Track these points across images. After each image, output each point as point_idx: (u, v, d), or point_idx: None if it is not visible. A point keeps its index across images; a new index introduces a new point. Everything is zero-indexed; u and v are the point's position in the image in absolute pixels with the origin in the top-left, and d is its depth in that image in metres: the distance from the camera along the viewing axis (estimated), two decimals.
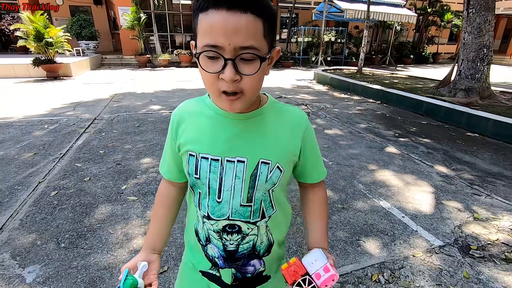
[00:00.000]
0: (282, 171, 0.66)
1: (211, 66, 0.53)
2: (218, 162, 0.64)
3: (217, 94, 0.56)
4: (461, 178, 2.94)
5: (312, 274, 0.61)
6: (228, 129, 0.64)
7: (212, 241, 0.70)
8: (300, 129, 0.69)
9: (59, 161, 3.08)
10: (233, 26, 0.49)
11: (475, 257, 1.85)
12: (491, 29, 5.57)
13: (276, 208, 0.70)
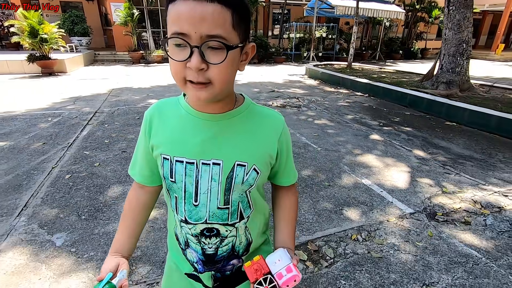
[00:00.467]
0: (259, 173, 0.66)
1: (178, 54, 0.53)
2: (194, 165, 0.63)
3: (183, 83, 0.56)
4: (436, 160, 3.28)
5: (274, 273, 0.61)
6: (202, 131, 0.63)
7: (190, 245, 0.70)
8: (277, 131, 0.68)
9: (67, 150, 3.31)
10: (200, 14, 0.49)
11: (439, 221, 2.17)
12: (470, 25, 5.93)
13: (253, 208, 0.70)
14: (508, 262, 1.78)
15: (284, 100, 6.06)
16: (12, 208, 2.22)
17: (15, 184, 2.56)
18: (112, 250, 0.71)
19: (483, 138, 4.08)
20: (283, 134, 0.69)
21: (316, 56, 14.39)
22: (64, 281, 1.58)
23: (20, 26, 8.51)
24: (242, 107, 0.66)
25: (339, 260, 1.77)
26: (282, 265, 0.61)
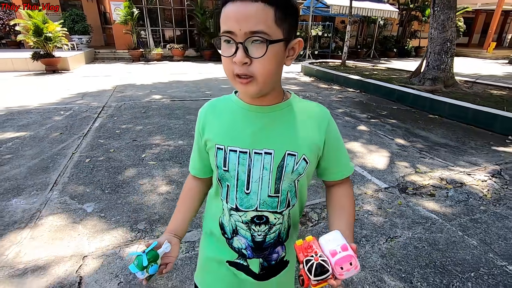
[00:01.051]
0: (308, 163, 0.68)
1: (226, 50, 0.59)
2: (246, 154, 0.66)
3: (231, 77, 0.61)
4: (414, 147, 3.68)
5: (327, 251, 0.54)
6: (254, 122, 0.67)
7: (239, 233, 0.72)
8: (323, 122, 0.71)
9: (83, 139, 3.66)
10: (244, 13, 0.54)
11: (409, 193, 2.57)
12: (453, 25, 6.33)
13: (298, 197, 0.73)
14: (459, 222, 2.17)
15: None
16: (44, 184, 2.58)
17: (42, 166, 2.91)
18: (167, 230, 0.76)
19: (460, 128, 4.48)
20: (330, 125, 0.71)
21: (312, 54, 14.77)
22: (99, 236, 1.95)
23: (25, 25, 8.80)
24: (289, 101, 0.70)
25: (322, 222, 2.15)
26: (337, 244, 0.54)
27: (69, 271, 1.66)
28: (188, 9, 14.99)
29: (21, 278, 1.61)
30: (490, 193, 2.60)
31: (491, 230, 2.10)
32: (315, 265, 0.51)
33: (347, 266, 0.51)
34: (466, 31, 22.41)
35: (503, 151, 3.60)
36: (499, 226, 2.14)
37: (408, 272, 1.72)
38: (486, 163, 3.21)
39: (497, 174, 2.96)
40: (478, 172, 3.00)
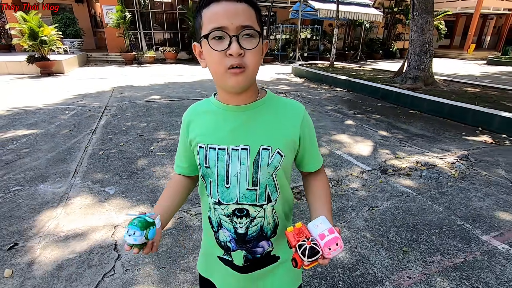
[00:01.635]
0: (282, 156, 0.72)
1: (218, 45, 0.61)
2: (224, 151, 0.71)
3: (223, 71, 0.63)
4: (395, 138, 4.11)
5: (316, 235, 0.60)
6: (231, 121, 0.72)
7: (223, 225, 0.76)
8: (297, 118, 0.74)
9: (93, 134, 3.94)
10: (234, 10, 0.60)
11: (389, 174, 2.97)
12: (431, 28, 6.86)
13: (279, 192, 0.76)
14: (429, 194, 2.58)
15: None
16: (65, 173, 2.86)
17: (60, 158, 3.19)
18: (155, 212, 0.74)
19: (437, 122, 4.95)
20: (304, 120, 0.75)
21: (301, 56, 15.26)
22: (124, 211, 2.26)
23: (20, 28, 8.92)
24: (265, 98, 0.74)
25: None
26: (324, 228, 0.61)
27: (104, 236, 1.97)
28: (179, 13, 15.27)
29: (64, 242, 1.91)
30: (457, 172, 3.03)
31: (455, 199, 2.51)
32: (308, 249, 0.58)
33: (334, 246, 0.59)
34: (448, 33, 23.44)
35: (472, 139, 4.07)
36: (461, 197, 2.55)
37: (385, 230, 2.10)
38: (457, 150, 3.66)
39: (464, 157, 3.40)
40: (449, 156, 3.44)
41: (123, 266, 1.72)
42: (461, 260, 1.82)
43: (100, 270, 1.69)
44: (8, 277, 1.62)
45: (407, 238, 2.02)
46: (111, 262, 1.75)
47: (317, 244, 0.59)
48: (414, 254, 1.87)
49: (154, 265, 1.74)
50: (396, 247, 1.93)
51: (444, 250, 1.91)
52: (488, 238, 2.03)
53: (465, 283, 1.65)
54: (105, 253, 1.83)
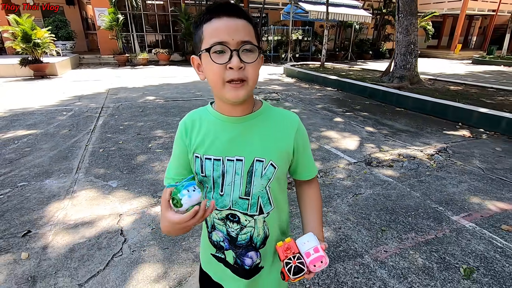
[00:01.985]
0: (276, 168, 0.74)
1: (219, 59, 0.64)
2: (220, 161, 0.73)
3: (221, 84, 0.66)
4: (381, 133, 4.35)
5: (303, 252, 0.67)
6: (228, 132, 0.74)
7: (217, 228, 0.80)
8: (292, 129, 0.77)
9: (92, 133, 4.08)
10: (234, 26, 0.64)
11: (373, 166, 3.20)
12: (416, 30, 7.18)
13: (273, 206, 0.77)
14: (409, 182, 2.82)
15: (265, 95, 7.02)
16: (69, 169, 3.01)
17: (62, 156, 3.33)
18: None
19: (420, 118, 5.23)
20: (299, 131, 0.78)
21: (293, 57, 15.53)
22: (128, 202, 2.44)
23: (13, 31, 8.96)
24: (261, 110, 0.76)
25: None
26: (310, 246, 0.67)
27: (111, 223, 2.14)
28: (172, 15, 15.40)
29: (74, 229, 2.07)
30: (436, 163, 3.28)
31: (431, 186, 2.75)
32: (293, 267, 0.65)
33: (318, 263, 0.65)
34: (436, 34, 24.04)
35: (452, 134, 4.34)
36: (437, 184, 2.80)
37: (367, 213, 2.32)
38: (437, 143, 3.92)
39: (443, 150, 3.67)
40: (429, 149, 3.70)
41: (130, 248, 1.90)
42: (432, 237, 2.05)
43: (109, 251, 1.87)
44: (25, 259, 1.78)
45: (386, 219, 2.25)
46: (118, 244, 1.93)
47: (303, 261, 0.66)
48: (391, 232, 2.10)
49: (158, 246, 1.92)
50: (375, 227, 2.15)
51: (418, 228, 2.14)
52: (458, 218, 2.27)
53: (434, 255, 1.87)
54: (112, 237, 2.00)
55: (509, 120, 4.32)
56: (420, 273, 1.73)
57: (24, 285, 1.61)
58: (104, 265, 1.75)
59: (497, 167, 3.20)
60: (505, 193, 2.64)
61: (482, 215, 2.31)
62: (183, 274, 1.70)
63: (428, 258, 1.85)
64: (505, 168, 3.17)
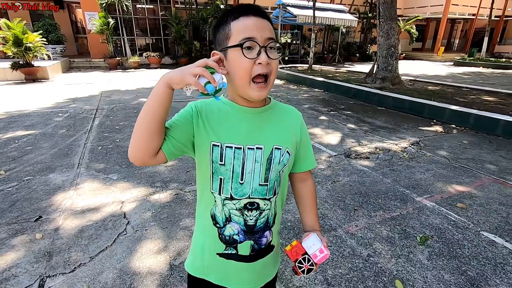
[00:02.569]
0: (290, 154, 0.82)
1: (248, 54, 0.68)
2: (241, 150, 0.77)
3: (248, 81, 0.71)
4: (361, 130, 4.70)
5: (310, 254, 0.79)
6: (246, 122, 0.78)
7: (233, 219, 0.81)
8: (298, 122, 0.87)
9: (89, 133, 4.29)
10: (261, 25, 0.70)
11: (352, 157, 3.52)
12: (395, 33, 7.62)
13: (281, 186, 0.85)
14: (382, 171, 3.15)
15: None
16: (70, 165, 3.23)
17: (62, 153, 3.54)
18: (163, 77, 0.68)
19: (399, 116, 5.61)
20: (303, 125, 0.87)
21: (282, 60, 15.91)
22: (128, 191, 2.68)
23: (4, 35, 9.03)
24: (272, 104, 0.83)
25: None
26: (316, 248, 0.79)
27: (114, 209, 2.39)
28: (162, 19, 15.60)
29: (82, 214, 2.31)
30: (408, 154, 3.63)
31: (401, 174, 3.09)
32: (306, 270, 0.79)
33: (324, 260, 0.79)
34: (420, 37, 24.90)
35: (426, 129, 4.73)
36: (407, 172, 3.14)
37: (343, 197, 2.63)
38: (411, 137, 4.28)
39: (416, 143, 4.03)
40: (403, 142, 4.05)
41: (133, 228, 2.15)
42: (397, 214, 2.37)
43: (115, 231, 2.12)
44: (40, 239, 2.01)
45: (359, 201, 2.56)
46: (123, 226, 2.18)
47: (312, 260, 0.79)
48: (362, 211, 2.41)
49: (159, 226, 2.18)
50: (349, 208, 2.46)
51: (386, 208, 2.46)
52: (421, 199, 2.60)
53: (396, 228, 2.19)
54: (116, 220, 2.25)
55: (476, 116, 4.74)
56: (383, 241, 2.04)
57: (42, 258, 1.84)
58: (112, 242, 2.00)
59: (461, 157, 3.57)
60: (464, 178, 3.00)
61: (442, 196, 2.65)
62: (182, 247, 1.96)
63: (392, 230, 2.16)
64: (468, 158, 3.54)
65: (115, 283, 1.67)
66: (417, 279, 1.72)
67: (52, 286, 1.64)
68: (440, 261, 1.87)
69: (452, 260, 1.88)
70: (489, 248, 1.99)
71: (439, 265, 1.84)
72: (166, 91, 0.67)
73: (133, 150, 0.71)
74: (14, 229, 2.11)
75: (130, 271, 1.76)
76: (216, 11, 14.29)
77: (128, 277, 1.71)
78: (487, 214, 2.38)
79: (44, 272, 1.73)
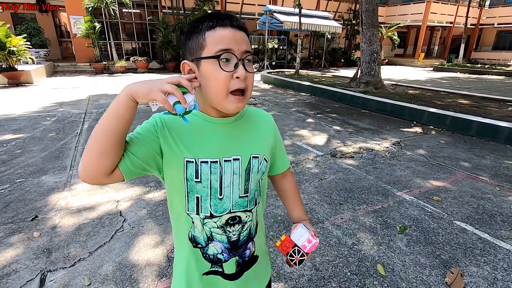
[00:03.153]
0: (267, 162, 0.80)
1: (225, 67, 0.64)
2: (217, 163, 0.71)
3: (225, 94, 0.66)
4: (346, 131, 4.92)
5: (299, 246, 0.82)
6: (221, 133, 0.73)
7: (215, 238, 0.76)
8: (270, 126, 0.85)
9: (80, 136, 4.30)
10: (239, 37, 0.66)
11: (337, 157, 3.71)
12: (377, 40, 7.97)
13: (262, 194, 0.83)
14: (366, 169, 3.34)
15: None
16: (62, 167, 3.25)
17: (54, 156, 3.55)
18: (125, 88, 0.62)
19: (382, 118, 5.89)
20: (275, 128, 0.86)
21: (270, 64, 16.19)
22: (123, 191, 2.75)
23: None
24: (243, 111, 0.78)
25: None
26: (304, 239, 0.82)
27: (110, 208, 2.45)
28: (150, 23, 15.60)
29: (78, 213, 2.37)
30: (389, 154, 3.85)
31: (383, 171, 3.29)
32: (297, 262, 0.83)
33: (313, 248, 0.83)
34: (402, 43, 25.87)
35: (407, 130, 5.00)
36: (388, 169, 3.34)
37: (329, 192, 2.79)
38: (392, 138, 4.53)
39: (397, 143, 4.27)
40: (385, 143, 4.29)
41: (130, 225, 2.23)
42: (379, 207, 2.55)
43: (112, 228, 2.19)
44: (38, 237, 2.06)
45: (344, 196, 2.73)
46: (119, 223, 2.25)
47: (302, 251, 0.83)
48: (347, 205, 2.57)
49: (154, 223, 2.26)
50: (335, 202, 2.62)
51: (369, 202, 2.64)
52: (401, 193, 2.80)
53: (378, 219, 2.36)
54: (113, 218, 2.32)
55: (452, 118, 5.05)
56: (366, 231, 2.20)
57: (41, 254, 1.90)
58: (109, 238, 2.07)
59: (438, 155, 3.82)
60: (440, 175, 3.23)
61: (420, 191, 2.86)
62: None
63: (374, 221, 2.33)
64: (444, 156, 3.80)
65: (115, 275, 1.75)
66: (397, 263, 1.89)
67: (53, 279, 1.71)
68: (417, 247, 2.05)
69: (427, 246, 2.06)
70: (461, 235, 2.19)
71: (416, 250, 2.01)
72: (129, 104, 0.61)
73: (85, 167, 0.61)
74: (11, 229, 2.15)
75: (129, 263, 1.84)
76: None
77: (127, 269, 1.79)
78: (460, 206, 2.59)
79: (44, 267, 1.79)
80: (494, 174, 3.26)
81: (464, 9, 20.70)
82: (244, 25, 0.70)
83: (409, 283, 1.73)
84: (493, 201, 2.69)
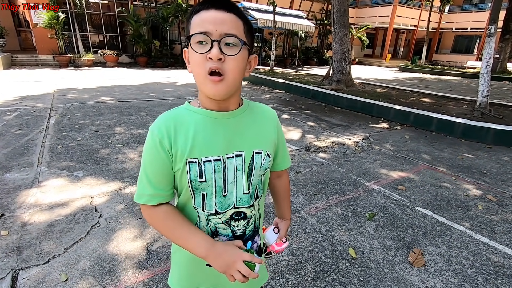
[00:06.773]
0: (270, 157, 0.77)
1: (200, 49, 0.62)
2: (220, 161, 0.70)
3: (203, 76, 0.63)
4: (320, 127, 5.11)
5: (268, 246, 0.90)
6: (222, 129, 0.70)
7: (220, 233, 0.76)
8: (274, 121, 0.82)
9: (46, 132, 4.08)
10: (220, 18, 0.62)
11: (311, 151, 3.87)
12: (348, 40, 8.31)
13: (263, 188, 0.82)
14: (337, 162, 3.53)
15: None
16: (28, 163, 3.09)
17: (18, 153, 3.35)
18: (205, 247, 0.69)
19: (352, 115, 6.18)
20: (278, 124, 0.83)
21: None
22: (98, 187, 2.67)
23: None
24: (245, 105, 0.77)
25: None
26: (269, 243, 0.90)
27: (84, 204, 2.39)
28: (119, 15, 14.94)
29: (49, 210, 2.28)
30: (359, 148, 4.08)
31: (354, 164, 3.49)
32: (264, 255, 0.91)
33: (282, 249, 0.91)
34: (370, 44, 27.03)
35: (375, 126, 5.30)
36: (358, 162, 3.55)
37: (304, 184, 2.92)
38: (362, 133, 4.79)
39: (366, 138, 4.53)
40: (356, 137, 4.53)
41: (106, 221, 2.19)
42: (350, 197, 2.72)
43: (88, 224, 2.14)
44: (6, 235, 1.97)
45: (318, 187, 2.87)
46: (95, 218, 2.20)
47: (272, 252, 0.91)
48: (321, 196, 2.72)
49: (132, 217, 2.24)
50: (310, 193, 2.75)
51: (341, 192, 2.80)
52: (370, 184, 3.00)
53: (350, 207, 2.53)
54: (88, 214, 2.26)
55: (415, 114, 5.44)
56: (339, 219, 2.35)
57: (11, 253, 1.82)
58: (85, 234, 2.03)
59: (402, 149, 4.12)
60: (405, 166, 3.50)
61: (386, 181, 3.08)
62: (158, 234, 2.07)
63: (346, 210, 2.49)
64: (408, 149, 4.11)
65: (93, 270, 1.73)
66: (366, 246, 2.05)
67: (26, 277, 1.65)
68: (384, 231, 2.23)
69: (393, 230, 2.25)
70: (422, 219, 2.42)
71: (383, 234, 2.19)
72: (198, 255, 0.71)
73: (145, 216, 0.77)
74: None
75: (108, 258, 1.82)
76: (177, 10, 14.09)
77: (106, 263, 1.78)
78: (421, 194, 2.84)
79: (16, 265, 1.72)
80: (451, 165, 3.59)
81: (427, 14, 22.10)
82: (236, 7, 0.65)
83: (377, 263, 1.89)
84: (450, 189, 2.98)
